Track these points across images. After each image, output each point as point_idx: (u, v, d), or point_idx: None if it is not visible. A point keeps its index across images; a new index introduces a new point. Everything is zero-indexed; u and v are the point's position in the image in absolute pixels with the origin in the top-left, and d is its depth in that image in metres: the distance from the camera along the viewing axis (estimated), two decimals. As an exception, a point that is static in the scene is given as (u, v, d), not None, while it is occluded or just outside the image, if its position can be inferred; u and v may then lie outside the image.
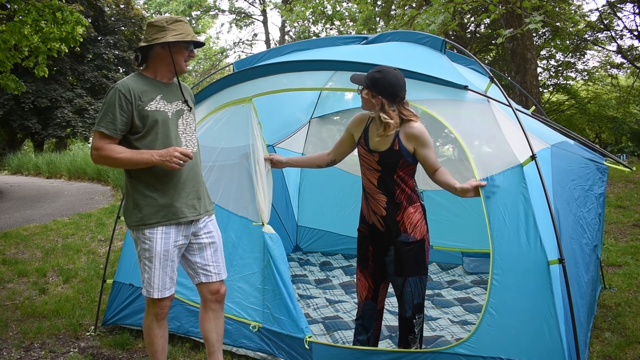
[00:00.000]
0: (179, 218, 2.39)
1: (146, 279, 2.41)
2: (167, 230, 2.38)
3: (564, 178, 2.90)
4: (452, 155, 10.64)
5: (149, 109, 2.33)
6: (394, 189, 2.46)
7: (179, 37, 2.33)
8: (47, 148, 24.07)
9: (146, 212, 2.36)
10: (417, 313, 2.50)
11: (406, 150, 2.42)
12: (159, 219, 2.36)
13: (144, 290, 2.44)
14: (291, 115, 5.14)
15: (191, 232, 2.48)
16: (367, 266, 2.61)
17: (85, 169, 14.88)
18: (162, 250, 2.37)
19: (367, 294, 2.63)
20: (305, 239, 5.58)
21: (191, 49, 2.45)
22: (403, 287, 2.48)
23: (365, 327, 2.66)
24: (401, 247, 2.45)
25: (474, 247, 4.58)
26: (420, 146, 2.42)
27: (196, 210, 2.46)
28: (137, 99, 2.32)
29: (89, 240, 6.65)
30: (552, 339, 2.19)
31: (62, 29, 8.03)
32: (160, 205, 2.36)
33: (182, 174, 2.41)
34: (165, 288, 2.41)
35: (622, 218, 6.67)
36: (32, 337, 3.43)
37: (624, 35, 15.33)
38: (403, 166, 2.44)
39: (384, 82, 2.37)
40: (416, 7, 10.43)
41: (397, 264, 2.47)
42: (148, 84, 2.40)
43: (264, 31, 26.65)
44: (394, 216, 2.46)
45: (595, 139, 21.42)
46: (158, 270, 2.38)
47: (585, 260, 2.82)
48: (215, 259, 2.55)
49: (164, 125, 2.37)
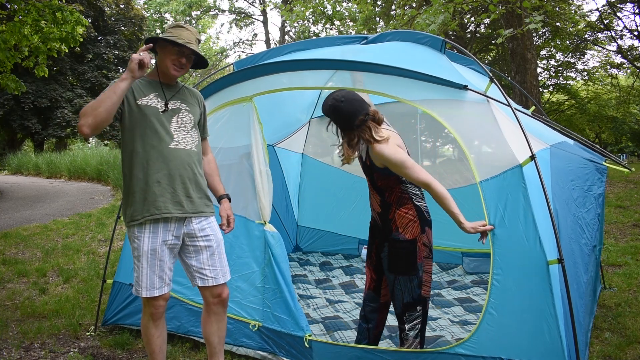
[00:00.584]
0: (162, 213, 2.37)
1: (135, 278, 2.44)
2: (154, 229, 2.38)
3: (563, 178, 2.90)
4: (452, 155, 10.65)
5: (139, 103, 2.39)
6: (382, 192, 2.54)
7: (167, 37, 2.40)
8: (47, 148, 24.08)
9: (135, 208, 2.38)
10: (408, 311, 2.51)
11: (377, 166, 2.48)
12: (144, 214, 2.37)
13: (133, 289, 2.47)
14: (291, 115, 5.15)
15: (183, 232, 2.46)
16: (371, 257, 2.70)
17: (85, 169, 14.89)
18: (149, 249, 2.37)
19: (369, 284, 2.72)
20: (305, 239, 5.58)
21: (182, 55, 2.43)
22: (394, 284, 2.52)
23: (366, 318, 2.73)
24: (393, 244, 2.50)
25: (474, 247, 4.58)
26: (391, 166, 2.40)
27: (182, 208, 2.42)
28: (130, 92, 2.39)
29: (89, 240, 6.66)
30: (551, 339, 2.19)
31: (62, 29, 8.03)
32: (146, 201, 2.37)
33: (168, 170, 2.39)
34: (154, 287, 2.40)
35: (622, 218, 6.67)
36: (32, 337, 3.43)
37: (624, 35, 15.35)
38: (380, 178, 2.50)
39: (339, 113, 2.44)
40: (416, 7, 10.44)
41: (390, 261, 2.52)
42: (147, 82, 2.48)
43: (264, 31, 26.67)
44: (386, 214, 2.53)
45: (595, 139, 21.43)
46: (145, 269, 2.39)
47: (585, 261, 2.82)
48: (211, 262, 2.51)
49: (153, 119, 2.40)
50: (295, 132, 5.42)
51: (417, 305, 2.50)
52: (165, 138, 2.40)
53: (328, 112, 2.47)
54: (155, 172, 2.38)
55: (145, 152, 2.37)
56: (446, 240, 4.76)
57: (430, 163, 8.40)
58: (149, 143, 2.38)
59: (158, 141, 2.39)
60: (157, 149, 2.38)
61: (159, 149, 2.38)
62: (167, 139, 2.41)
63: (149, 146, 2.38)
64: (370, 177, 2.56)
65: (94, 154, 15.82)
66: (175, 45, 2.40)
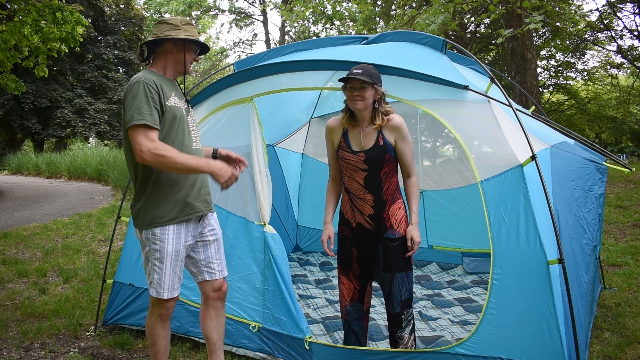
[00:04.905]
0: (196, 213, 2.40)
1: (156, 280, 2.38)
2: (178, 230, 2.37)
3: (564, 178, 2.90)
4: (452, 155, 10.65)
5: (169, 104, 2.33)
6: (380, 187, 2.49)
7: (192, 37, 2.38)
8: (47, 148, 24.07)
9: (164, 210, 2.33)
10: (406, 308, 2.51)
11: (390, 145, 2.48)
12: (176, 214, 2.35)
13: (153, 291, 2.40)
14: (291, 115, 5.15)
15: (198, 231, 2.49)
16: (352, 268, 2.60)
17: (85, 169, 14.89)
18: (173, 250, 2.36)
19: (352, 295, 2.62)
20: (305, 239, 5.58)
21: (197, 53, 2.50)
22: (391, 283, 2.49)
23: (353, 330, 2.65)
24: (388, 243, 2.48)
25: (474, 247, 4.58)
26: (400, 139, 2.49)
27: (209, 204, 2.50)
28: (162, 92, 2.30)
29: (89, 240, 6.65)
30: (552, 339, 2.19)
31: (62, 29, 8.03)
32: (178, 201, 2.36)
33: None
34: (174, 288, 2.42)
35: (622, 218, 6.67)
36: (32, 337, 3.43)
37: (624, 35, 15.36)
38: (389, 162, 2.49)
39: (379, 75, 2.49)
40: (416, 7, 10.43)
41: (385, 261, 2.50)
42: (163, 80, 2.39)
43: (264, 31, 26.67)
44: (380, 213, 2.50)
45: (595, 139, 21.42)
46: (169, 270, 2.37)
47: (586, 260, 2.82)
48: (218, 255, 2.57)
49: (181, 121, 2.38)
50: (296, 132, 5.42)
51: (411, 301, 2.53)
52: (191, 138, 2.43)
53: (375, 73, 2.44)
54: (188, 175, 2.39)
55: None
56: (446, 240, 4.76)
57: (430, 163, 8.40)
58: (178, 144, 2.34)
59: (188, 142, 2.40)
60: (186, 149, 2.37)
61: (187, 150, 2.37)
62: (191, 140, 2.43)
63: (179, 147, 2.32)
64: (380, 162, 2.46)
65: (94, 154, 15.81)
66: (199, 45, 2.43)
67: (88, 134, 22.32)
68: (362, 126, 2.50)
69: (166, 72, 2.45)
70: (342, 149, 2.55)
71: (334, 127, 2.60)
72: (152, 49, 2.45)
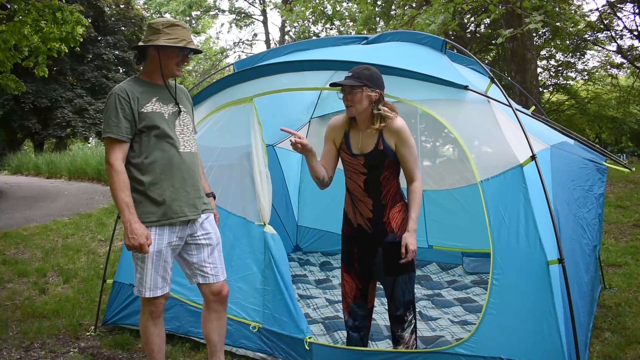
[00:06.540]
0: (179, 217, 2.39)
1: (138, 279, 2.42)
2: (160, 231, 2.37)
3: (564, 178, 2.90)
4: (452, 155, 10.65)
5: (145, 111, 2.35)
6: (380, 191, 2.45)
7: (170, 42, 2.33)
8: (47, 148, 24.06)
9: (142, 211, 2.34)
10: (408, 310, 2.50)
11: (390, 149, 2.41)
12: (158, 217, 2.36)
13: (136, 290, 2.45)
14: (291, 115, 5.14)
15: (187, 233, 2.47)
16: (353, 267, 2.59)
17: (85, 169, 14.88)
18: (154, 251, 2.36)
19: (355, 294, 2.60)
20: (305, 239, 5.58)
21: (185, 54, 2.44)
22: (394, 286, 2.48)
23: (357, 328, 2.64)
24: (389, 247, 2.45)
25: (474, 247, 4.58)
26: (401, 143, 2.40)
27: (197, 209, 2.47)
28: (135, 101, 2.33)
29: (89, 240, 6.66)
30: (551, 339, 2.19)
31: (62, 29, 8.02)
32: (159, 203, 2.36)
33: (181, 174, 2.41)
34: (157, 287, 2.41)
35: (622, 218, 6.67)
36: (32, 337, 3.43)
37: (624, 35, 15.33)
38: (389, 166, 2.44)
39: (376, 76, 2.38)
40: (416, 7, 10.43)
41: (387, 265, 2.47)
42: (143, 86, 2.42)
43: (264, 31, 26.66)
44: (380, 217, 2.46)
45: (595, 139, 21.41)
46: (150, 270, 2.39)
47: (586, 260, 2.82)
48: (212, 260, 2.54)
49: (162, 125, 2.37)
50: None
51: (414, 302, 2.52)
52: (175, 143, 2.41)
53: (367, 74, 2.35)
54: (170, 177, 2.38)
55: (158, 158, 2.36)
56: (446, 240, 4.76)
57: (430, 163, 8.39)
58: (160, 149, 2.36)
59: (169, 146, 2.39)
60: (168, 154, 2.38)
61: (170, 154, 2.38)
62: (177, 144, 2.42)
63: (160, 152, 2.36)
64: (379, 166, 2.43)
65: (94, 154, 15.80)
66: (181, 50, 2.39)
67: (88, 134, 22.32)
68: (362, 129, 2.46)
69: (153, 77, 2.46)
70: (343, 151, 2.54)
71: (336, 127, 2.58)
72: (143, 53, 2.47)
